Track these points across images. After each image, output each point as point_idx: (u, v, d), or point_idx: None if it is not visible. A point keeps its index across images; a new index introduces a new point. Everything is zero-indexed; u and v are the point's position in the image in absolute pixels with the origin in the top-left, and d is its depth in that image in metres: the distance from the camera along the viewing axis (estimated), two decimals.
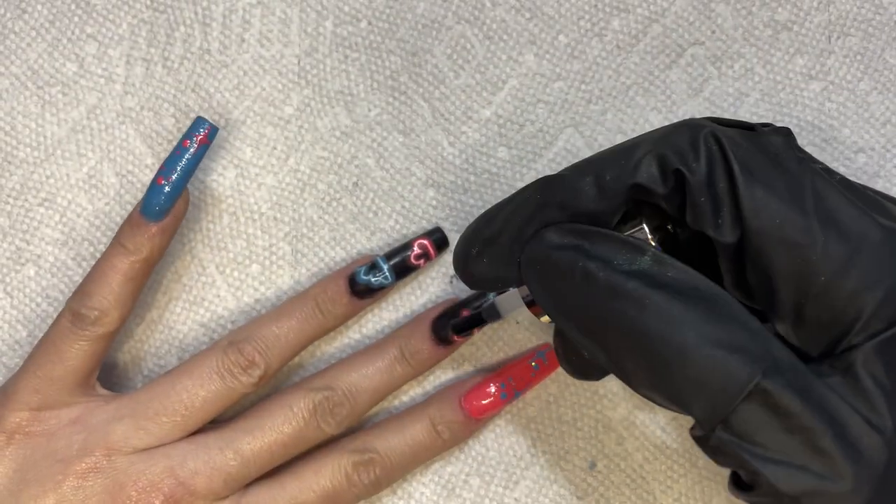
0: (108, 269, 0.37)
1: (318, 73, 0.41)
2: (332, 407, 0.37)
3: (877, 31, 0.41)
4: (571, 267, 0.28)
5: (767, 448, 0.26)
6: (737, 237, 0.28)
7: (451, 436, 0.38)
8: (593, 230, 0.29)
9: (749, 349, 0.26)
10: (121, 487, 0.35)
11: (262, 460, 0.37)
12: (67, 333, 0.37)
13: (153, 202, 0.36)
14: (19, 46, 0.41)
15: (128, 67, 0.41)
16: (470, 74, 0.41)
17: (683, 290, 0.27)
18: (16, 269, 0.41)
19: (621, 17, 0.41)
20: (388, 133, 0.41)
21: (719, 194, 0.28)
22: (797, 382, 0.26)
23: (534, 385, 0.40)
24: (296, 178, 0.41)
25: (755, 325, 0.27)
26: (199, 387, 0.37)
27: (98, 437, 0.36)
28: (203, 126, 0.37)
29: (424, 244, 0.40)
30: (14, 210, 0.41)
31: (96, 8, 0.41)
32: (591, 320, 0.28)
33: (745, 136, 0.29)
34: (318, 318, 0.38)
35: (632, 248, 0.28)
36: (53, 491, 0.35)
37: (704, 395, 0.26)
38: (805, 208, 0.28)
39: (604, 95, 0.41)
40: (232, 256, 0.41)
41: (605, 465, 0.40)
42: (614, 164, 0.29)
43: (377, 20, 0.41)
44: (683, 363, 0.26)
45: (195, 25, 0.41)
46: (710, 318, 0.27)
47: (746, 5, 0.41)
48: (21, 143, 0.41)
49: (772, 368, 0.26)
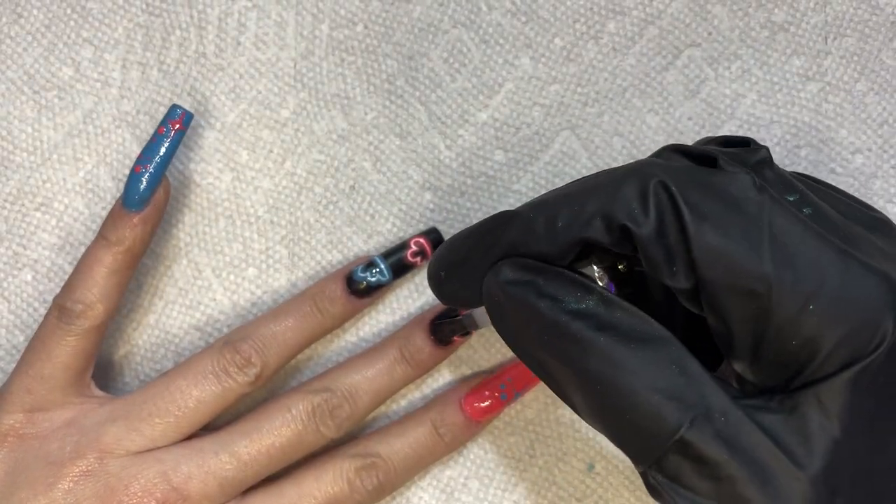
0: (92, 262, 0.37)
1: (315, 76, 0.41)
2: (331, 409, 0.37)
3: (873, 31, 0.41)
4: (522, 303, 0.29)
5: (697, 493, 0.27)
6: (692, 284, 0.28)
7: (452, 438, 0.38)
8: (545, 267, 0.29)
9: (683, 396, 0.27)
10: (112, 492, 0.35)
11: (259, 464, 0.36)
12: (55, 329, 0.36)
13: (132, 191, 0.36)
14: (15, 51, 0.41)
15: (124, 71, 0.41)
16: (466, 78, 0.41)
17: (627, 332, 0.28)
18: (13, 273, 0.41)
19: (617, 20, 0.41)
20: (384, 136, 0.41)
21: (671, 245, 0.28)
22: (726, 430, 0.27)
23: (533, 385, 0.40)
24: (292, 181, 0.41)
25: (695, 370, 0.28)
26: (193, 387, 0.36)
27: (91, 440, 0.35)
28: (177, 112, 0.37)
29: (421, 242, 0.40)
30: (11, 215, 0.41)
31: (92, 12, 0.41)
32: (539, 354, 0.29)
33: (700, 177, 0.29)
34: (317, 318, 0.38)
35: (581, 287, 0.29)
36: (44, 494, 0.35)
37: (638, 439, 0.28)
38: (761, 255, 0.27)
39: (600, 98, 0.41)
40: (228, 260, 0.41)
41: (604, 466, 0.40)
42: (567, 211, 0.29)
43: (373, 24, 0.41)
44: (620, 406, 0.27)
45: (191, 29, 0.41)
46: (650, 363, 0.27)
47: (743, 6, 0.41)
48: (17, 147, 0.41)
49: (702, 416, 0.27)
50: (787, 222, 0.28)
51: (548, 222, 0.29)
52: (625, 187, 0.29)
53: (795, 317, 0.27)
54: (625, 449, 0.29)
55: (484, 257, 0.31)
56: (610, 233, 0.29)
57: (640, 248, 0.28)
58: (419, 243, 0.39)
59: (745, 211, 0.28)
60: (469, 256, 0.31)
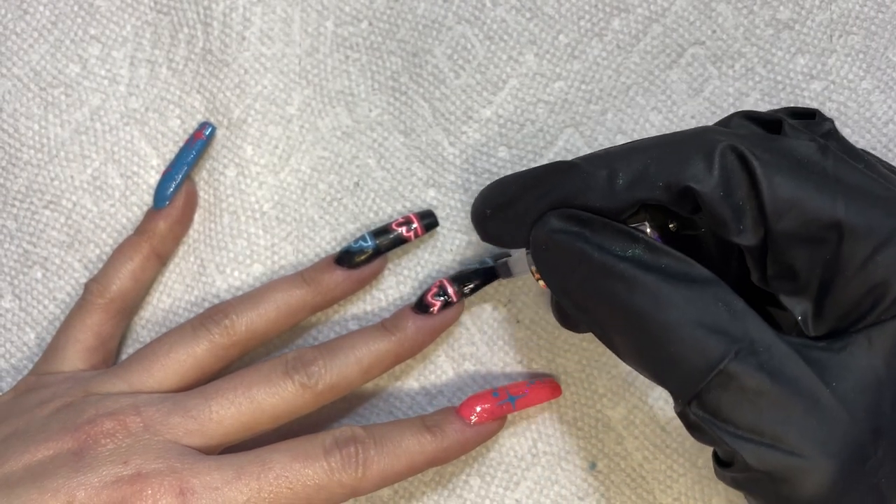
0: (116, 251, 0.40)
1: (319, 73, 0.41)
2: (304, 364, 0.36)
3: (879, 29, 0.41)
4: (570, 249, 0.30)
5: (739, 426, 0.28)
6: (759, 239, 0.29)
7: (441, 434, 0.36)
8: (594, 218, 0.30)
9: (728, 329, 0.28)
10: (83, 412, 0.35)
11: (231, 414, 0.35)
12: (75, 307, 0.40)
13: (157, 189, 0.40)
14: (21, 48, 0.42)
15: (132, 69, 0.42)
16: (470, 74, 0.41)
17: (673, 273, 0.29)
18: (24, 271, 0.41)
19: (621, 17, 0.41)
20: (388, 133, 0.41)
21: (739, 202, 0.29)
22: (770, 362, 0.28)
23: (529, 400, 0.39)
24: (297, 177, 0.41)
25: (740, 307, 0.28)
26: (167, 337, 0.38)
27: (80, 385, 0.37)
28: (205, 126, 0.40)
29: (408, 215, 0.40)
30: (20, 213, 0.41)
31: (100, 10, 0.42)
32: (585, 297, 0.30)
33: (768, 141, 0.30)
34: (302, 288, 0.39)
35: (628, 237, 0.30)
36: (26, 420, 0.36)
37: (679, 372, 0.28)
38: (833, 203, 0.28)
39: (604, 95, 0.41)
40: (233, 256, 0.41)
41: (606, 464, 0.40)
42: (630, 169, 0.30)
43: (378, 21, 0.41)
44: (664, 340, 0.28)
45: (198, 26, 0.41)
46: (695, 300, 0.28)
47: (747, 4, 0.41)
48: (25, 145, 0.42)
49: (746, 349, 0.28)
50: (856, 177, 0.29)
51: (609, 178, 0.30)
52: (691, 148, 0.30)
53: (864, 264, 0.28)
54: (666, 384, 0.29)
55: (535, 203, 0.31)
56: (671, 192, 0.30)
57: (707, 208, 0.29)
58: (406, 217, 0.40)
59: (815, 167, 0.29)
60: (518, 199, 0.32)
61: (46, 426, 0.35)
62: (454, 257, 0.41)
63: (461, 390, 0.41)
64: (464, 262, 0.41)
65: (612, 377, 0.40)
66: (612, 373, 0.40)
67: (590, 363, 0.40)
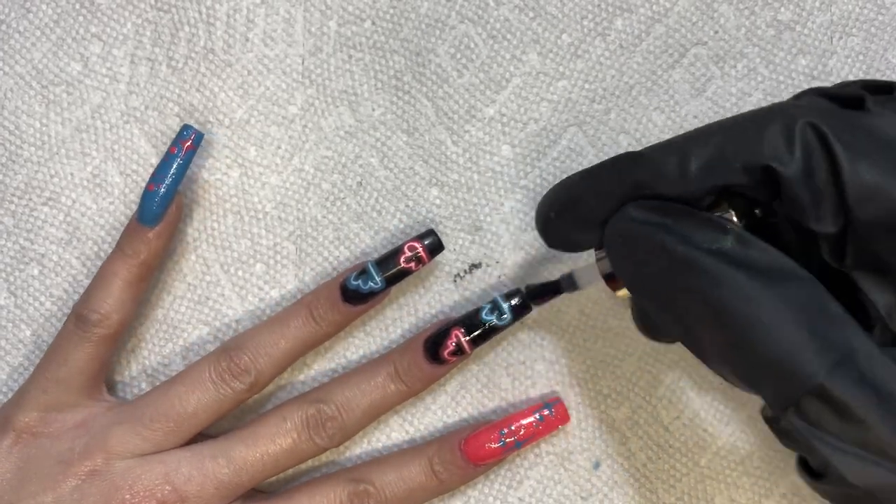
0: (109, 273, 0.38)
1: (322, 72, 0.41)
2: (324, 420, 0.38)
3: (879, 31, 0.41)
4: (652, 241, 0.28)
5: (839, 437, 0.26)
6: (839, 227, 0.27)
7: (447, 477, 0.38)
8: (677, 207, 0.28)
9: (825, 336, 0.25)
10: (116, 490, 0.36)
11: (253, 469, 0.37)
12: (71, 336, 0.38)
13: (147, 209, 0.38)
14: (24, 46, 0.41)
15: (132, 67, 0.42)
16: (473, 73, 0.41)
17: (765, 269, 0.26)
18: (20, 268, 0.41)
19: (624, 17, 0.41)
20: (391, 132, 0.41)
21: (819, 186, 0.27)
22: (871, 374, 0.25)
23: (538, 438, 0.39)
24: (300, 177, 0.41)
25: (836, 311, 0.26)
26: (190, 393, 0.37)
27: (98, 441, 0.37)
28: (189, 132, 0.38)
29: (415, 246, 0.38)
30: (18, 209, 0.41)
31: (101, 8, 0.42)
32: (668, 293, 0.28)
33: (850, 118, 0.28)
34: (311, 326, 0.38)
35: (715, 227, 0.28)
36: (52, 490, 0.36)
37: (775, 378, 0.26)
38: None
39: (607, 95, 0.41)
40: (236, 256, 0.41)
41: (609, 464, 0.40)
42: (703, 153, 0.28)
43: (381, 20, 0.41)
44: (757, 343, 0.26)
45: (199, 25, 0.41)
46: (789, 300, 0.26)
47: (749, 5, 0.41)
48: (25, 142, 0.41)
49: (845, 359, 0.25)
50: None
51: (681, 164, 0.28)
52: (769, 127, 0.28)
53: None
54: (760, 390, 0.27)
55: (604, 200, 0.30)
56: (750, 175, 0.28)
57: (786, 190, 0.27)
58: (413, 248, 0.38)
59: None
60: (585, 197, 0.30)
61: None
62: (457, 257, 0.41)
63: (464, 388, 0.40)
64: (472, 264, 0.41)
65: (615, 378, 0.40)
66: (616, 373, 0.40)
67: (594, 364, 0.40)
